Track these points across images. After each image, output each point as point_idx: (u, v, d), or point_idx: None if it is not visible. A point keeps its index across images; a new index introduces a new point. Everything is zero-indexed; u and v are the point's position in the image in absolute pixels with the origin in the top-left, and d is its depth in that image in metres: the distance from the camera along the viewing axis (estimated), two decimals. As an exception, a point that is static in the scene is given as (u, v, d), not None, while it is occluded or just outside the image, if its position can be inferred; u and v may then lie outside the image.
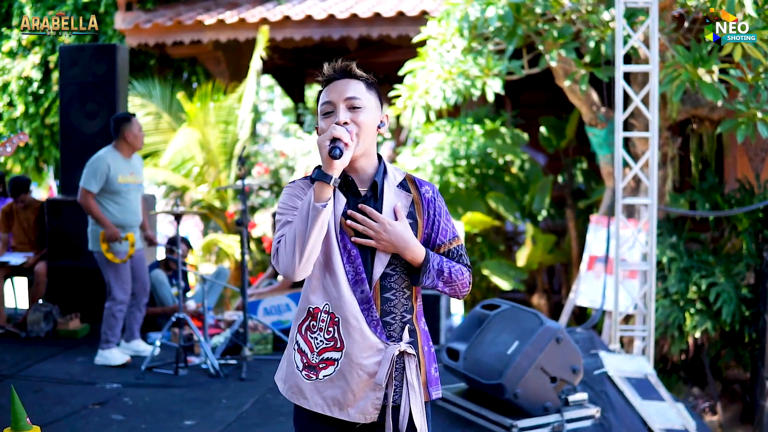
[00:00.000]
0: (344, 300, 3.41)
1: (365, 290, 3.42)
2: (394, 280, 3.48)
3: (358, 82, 3.51)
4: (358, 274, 3.43)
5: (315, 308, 3.49)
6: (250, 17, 13.96)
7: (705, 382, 11.48)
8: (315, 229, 3.27)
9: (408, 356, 3.47)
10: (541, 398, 6.84)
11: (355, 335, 3.41)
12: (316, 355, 3.48)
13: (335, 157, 3.25)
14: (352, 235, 3.43)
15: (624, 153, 9.63)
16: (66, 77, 10.63)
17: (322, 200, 3.27)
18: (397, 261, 3.48)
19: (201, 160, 14.09)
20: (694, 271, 10.78)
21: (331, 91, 3.48)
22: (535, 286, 14.60)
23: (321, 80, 3.56)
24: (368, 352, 3.43)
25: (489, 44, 10.65)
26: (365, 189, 3.52)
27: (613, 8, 9.89)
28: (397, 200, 3.50)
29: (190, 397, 7.81)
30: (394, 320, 3.49)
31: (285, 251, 3.33)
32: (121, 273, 8.78)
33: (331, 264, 3.44)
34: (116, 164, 8.74)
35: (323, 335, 3.46)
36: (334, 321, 3.44)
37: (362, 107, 3.46)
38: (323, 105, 3.49)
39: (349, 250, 3.43)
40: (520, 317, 7.17)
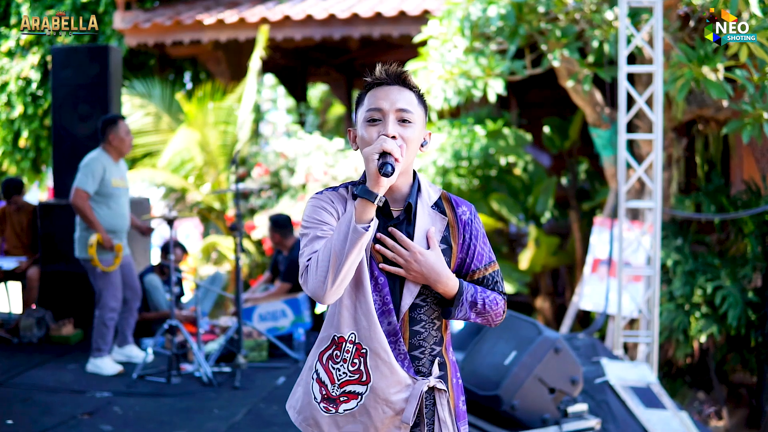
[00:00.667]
0: (375, 331, 3.17)
1: (392, 322, 3.18)
2: (423, 312, 3.23)
3: (411, 93, 3.25)
4: (385, 304, 3.18)
5: (340, 337, 3.24)
6: (250, 17, 13.82)
7: (710, 387, 11.36)
8: (354, 252, 3.00)
9: (439, 392, 3.25)
10: (540, 410, 6.72)
11: (383, 369, 3.17)
12: (338, 387, 3.24)
13: (387, 175, 2.99)
14: (380, 261, 3.19)
15: (628, 155, 9.49)
16: (58, 79, 10.47)
17: (364, 221, 3.02)
18: (428, 291, 3.22)
19: (200, 161, 13.96)
20: (699, 274, 10.65)
21: (382, 97, 3.19)
22: (538, 288, 14.48)
23: (369, 82, 3.27)
24: (396, 387, 3.19)
25: (491, 44, 10.53)
26: (398, 210, 3.26)
27: (616, 7, 9.76)
28: (431, 223, 3.25)
29: (181, 407, 7.65)
30: (423, 354, 3.25)
31: (316, 272, 3.06)
32: (112, 279, 8.63)
33: (361, 291, 3.18)
34: (109, 167, 8.59)
35: (347, 367, 3.22)
36: (361, 352, 3.19)
37: (412, 122, 3.20)
38: (370, 111, 3.19)
39: (376, 277, 3.18)
40: (518, 326, 7.04)
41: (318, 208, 3.24)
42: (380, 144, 3.03)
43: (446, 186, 13.16)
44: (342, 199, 3.27)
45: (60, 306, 10.29)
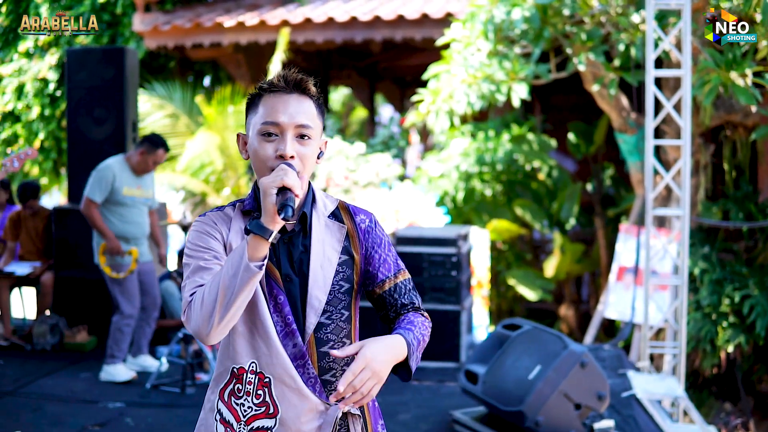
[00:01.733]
0: (276, 356, 2.90)
1: (298, 344, 2.90)
2: (330, 330, 2.96)
3: (311, 103, 2.95)
4: (287, 325, 2.90)
5: (240, 368, 2.94)
6: (270, 19, 13.71)
7: (737, 398, 11.18)
8: (245, 291, 2.70)
9: (352, 417, 3.00)
10: (565, 426, 6.53)
11: (291, 397, 2.90)
12: (244, 425, 2.93)
13: (286, 219, 2.68)
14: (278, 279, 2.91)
15: (655, 161, 9.30)
16: (73, 81, 10.36)
17: (256, 259, 2.71)
18: (332, 308, 2.96)
19: (220, 165, 13.84)
20: (727, 283, 10.48)
21: (280, 110, 2.90)
22: (562, 296, 14.32)
23: (264, 87, 2.97)
24: (308, 416, 2.92)
25: (515, 47, 10.38)
26: (292, 222, 2.96)
27: (643, 10, 9.59)
28: (328, 234, 3.00)
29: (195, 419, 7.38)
30: (335, 377, 2.98)
31: (201, 309, 2.75)
32: (127, 286, 8.50)
33: (257, 313, 2.91)
34: (123, 175, 8.47)
35: (251, 400, 2.92)
36: (264, 382, 2.91)
37: (311, 138, 2.94)
38: (266, 124, 2.88)
39: (275, 296, 2.90)
40: (543, 339, 6.85)
41: (200, 233, 2.96)
42: (281, 177, 2.73)
43: (469, 191, 13.02)
44: (227, 219, 3.00)
45: (74, 312, 10.19)
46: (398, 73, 20.30)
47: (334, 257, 2.98)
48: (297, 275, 2.95)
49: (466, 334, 9.71)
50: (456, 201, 13.09)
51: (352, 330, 3.06)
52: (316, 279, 2.93)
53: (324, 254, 2.96)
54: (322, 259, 2.95)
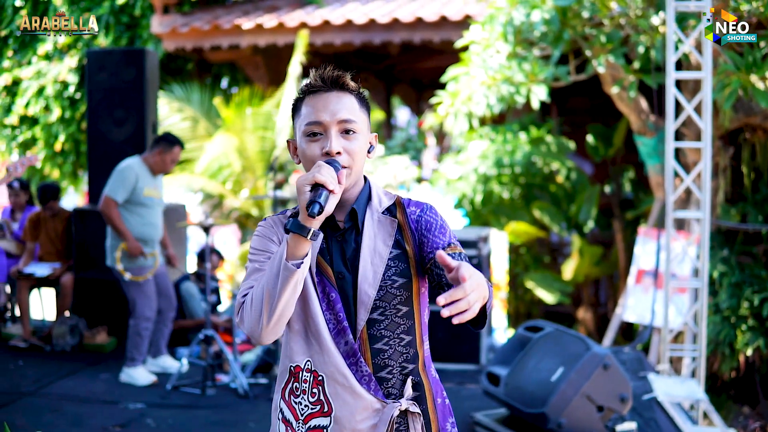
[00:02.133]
0: (327, 353, 2.91)
1: (349, 341, 2.91)
2: (385, 327, 2.95)
3: (351, 98, 2.98)
4: (339, 322, 2.91)
5: (296, 366, 2.98)
6: (289, 21, 13.71)
7: (756, 401, 11.15)
8: (287, 290, 2.71)
9: (412, 415, 2.97)
10: (587, 428, 6.53)
11: (344, 395, 2.91)
12: (302, 423, 2.97)
13: (312, 215, 2.66)
14: (331, 277, 2.92)
15: (675, 164, 9.28)
16: (93, 82, 10.39)
17: (296, 257, 2.72)
18: (385, 304, 2.93)
19: (238, 167, 13.87)
20: (746, 286, 10.45)
21: (321, 108, 2.92)
22: (580, 299, 14.29)
23: (304, 88, 3.01)
24: (362, 414, 2.92)
25: (534, 49, 10.37)
26: (343, 220, 2.99)
27: (663, 12, 9.58)
28: (380, 229, 2.98)
29: (216, 420, 7.53)
30: (392, 374, 2.97)
31: (251, 310, 2.78)
32: (145, 289, 8.52)
33: (309, 312, 2.93)
34: (143, 176, 8.50)
35: (307, 398, 2.96)
36: (318, 380, 2.93)
37: (357, 132, 2.94)
38: (309, 124, 2.92)
39: (328, 294, 2.91)
40: (565, 341, 6.85)
41: (261, 237, 3.00)
42: (313, 174, 2.72)
43: (488, 194, 13.02)
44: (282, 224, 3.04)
45: (94, 313, 10.23)
46: (415, 76, 20.31)
47: (385, 252, 2.96)
48: (350, 272, 2.95)
49: (486, 337, 9.71)
50: (474, 203, 13.09)
51: (415, 326, 3.02)
52: (365, 274, 2.92)
53: (375, 250, 2.95)
54: (372, 255, 2.94)
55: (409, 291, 2.98)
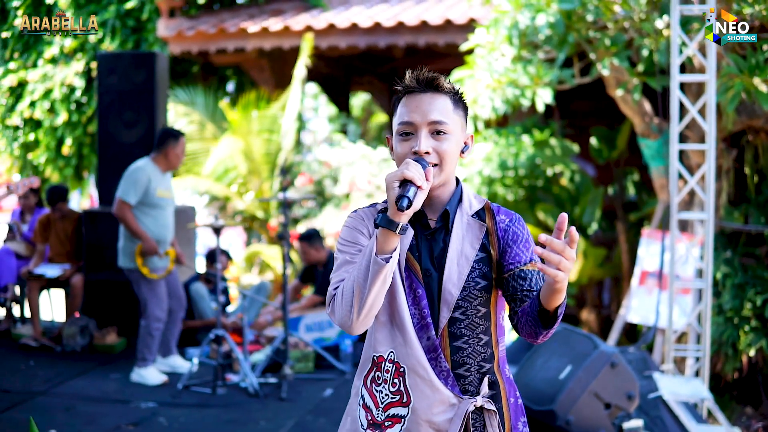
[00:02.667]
0: (411, 347, 3.02)
1: (431, 337, 3.02)
2: (465, 326, 3.05)
3: (445, 99, 3.06)
4: (423, 318, 3.02)
5: (379, 356, 3.10)
6: (294, 25, 13.79)
7: (759, 402, 11.21)
8: (376, 284, 2.83)
9: (488, 413, 3.07)
10: (595, 425, 6.62)
11: (423, 388, 3.02)
12: (382, 411, 3.09)
13: (401, 209, 2.78)
14: (418, 273, 3.03)
15: (680, 166, 9.36)
16: (104, 85, 10.51)
17: (385, 252, 2.83)
18: (467, 304, 3.03)
19: (244, 170, 13.96)
20: (749, 287, 10.51)
21: (413, 109, 3.03)
22: (584, 300, 14.36)
23: (400, 90, 3.10)
24: (439, 407, 3.02)
25: (539, 53, 10.45)
26: (435, 219, 3.10)
27: (666, 15, 9.66)
28: (469, 231, 3.07)
29: (227, 418, 7.61)
30: (469, 372, 3.07)
31: (342, 303, 2.90)
32: (157, 290, 8.61)
33: (396, 306, 3.03)
34: (155, 177, 8.59)
35: (388, 388, 3.07)
36: (400, 371, 3.04)
37: (448, 133, 3.03)
38: (402, 124, 3.04)
39: (414, 290, 3.02)
40: (573, 340, 6.95)
41: (351, 229, 3.11)
42: (401, 170, 2.83)
43: (492, 196, 13.07)
44: (374, 215, 3.12)
45: (103, 314, 10.31)
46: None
47: (471, 254, 3.06)
48: (436, 270, 3.05)
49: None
50: (478, 206, 13.11)
51: (492, 327, 3.13)
52: (450, 274, 3.02)
53: (461, 251, 3.05)
54: (458, 256, 3.04)
55: (489, 293, 3.09)
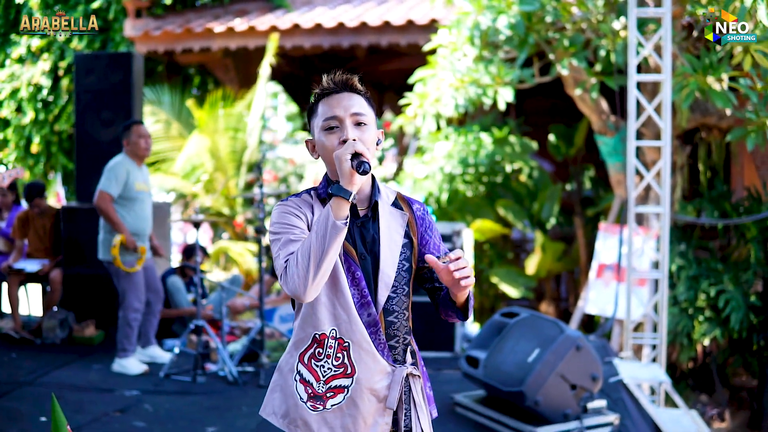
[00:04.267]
0: (355, 323, 3.33)
1: (372, 313, 3.35)
2: (395, 303, 3.41)
3: (360, 98, 3.41)
4: (363, 297, 3.34)
5: (321, 334, 3.38)
6: (259, 25, 13.98)
7: (713, 390, 11.54)
8: (333, 247, 3.12)
9: (413, 378, 3.46)
10: (562, 405, 6.91)
11: (367, 359, 3.35)
12: (323, 384, 3.38)
13: (366, 172, 3.12)
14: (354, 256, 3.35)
15: (637, 162, 9.69)
16: (81, 85, 10.70)
17: (341, 217, 3.13)
18: (397, 284, 3.40)
19: (211, 167, 14.14)
20: (702, 278, 10.82)
21: (335, 105, 3.36)
22: (543, 293, 14.65)
23: (318, 92, 3.44)
24: (379, 376, 3.37)
25: (499, 53, 10.69)
26: (364, 209, 3.42)
27: (623, 17, 9.97)
28: (392, 220, 3.44)
29: (210, 405, 7.84)
30: (398, 343, 3.44)
31: (297, 271, 3.15)
32: (135, 281, 8.82)
33: (338, 286, 3.34)
34: (133, 171, 8.80)
35: (331, 362, 3.37)
36: (343, 346, 3.36)
37: (367, 124, 3.36)
38: (327, 119, 3.35)
39: (353, 272, 3.34)
40: (540, 325, 7.24)
41: (286, 214, 3.36)
42: (352, 146, 3.16)
43: (453, 192, 13.32)
44: (307, 204, 3.43)
45: (82, 307, 10.49)
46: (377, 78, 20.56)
47: (399, 240, 3.44)
48: (369, 254, 3.40)
49: (460, 327, 10.09)
50: (440, 202, 13.31)
51: (410, 304, 3.52)
52: (386, 258, 3.39)
53: (391, 237, 3.42)
54: (389, 242, 3.40)
55: (410, 274, 3.50)
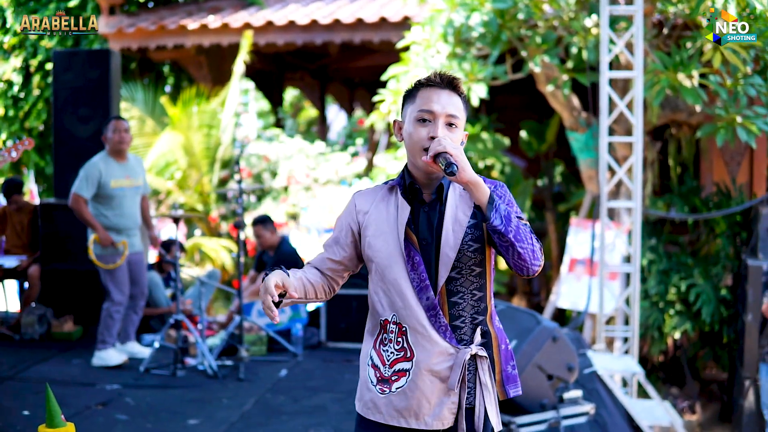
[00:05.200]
0: (409, 308, 3.42)
1: (430, 297, 3.41)
2: (460, 284, 3.44)
3: (459, 100, 3.48)
4: (422, 281, 3.41)
5: (384, 320, 3.50)
6: (233, 22, 14.00)
7: (684, 383, 11.69)
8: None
9: (480, 359, 3.47)
10: (539, 396, 7.02)
11: (424, 342, 3.42)
12: (388, 367, 3.50)
13: (453, 174, 3.20)
14: (416, 243, 3.44)
15: (609, 158, 9.82)
16: (59, 82, 10.71)
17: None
18: (462, 264, 3.42)
19: (184, 164, 14.18)
20: (673, 273, 10.96)
21: (434, 100, 3.42)
22: (515, 288, 14.77)
23: (422, 81, 3.51)
24: (439, 358, 3.42)
25: (472, 50, 10.78)
26: (429, 194, 3.50)
27: (594, 15, 10.09)
28: (461, 200, 3.47)
29: (191, 398, 7.90)
30: (464, 323, 3.47)
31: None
32: (117, 275, 8.85)
33: (393, 275, 3.46)
34: (109, 169, 8.78)
35: (393, 346, 3.48)
36: (402, 331, 3.45)
37: (458, 127, 3.45)
38: (422, 111, 3.42)
39: (412, 257, 3.43)
40: (517, 317, 7.35)
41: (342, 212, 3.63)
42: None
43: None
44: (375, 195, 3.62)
45: (60, 303, 10.47)
46: (347, 75, 20.64)
47: (464, 220, 3.46)
48: (433, 238, 3.46)
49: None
50: (414, 197, 13.35)
51: (487, 284, 3.54)
52: (447, 239, 3.43)
53: (455, 218, 3.45)
54: (453, 223, 3.44)
55: (483, 255, 3.48)
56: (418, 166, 3.45)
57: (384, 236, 3.51)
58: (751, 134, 9.33)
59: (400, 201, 3.51)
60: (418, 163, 3.42)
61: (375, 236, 3.53)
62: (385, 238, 3.50)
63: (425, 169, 3.41)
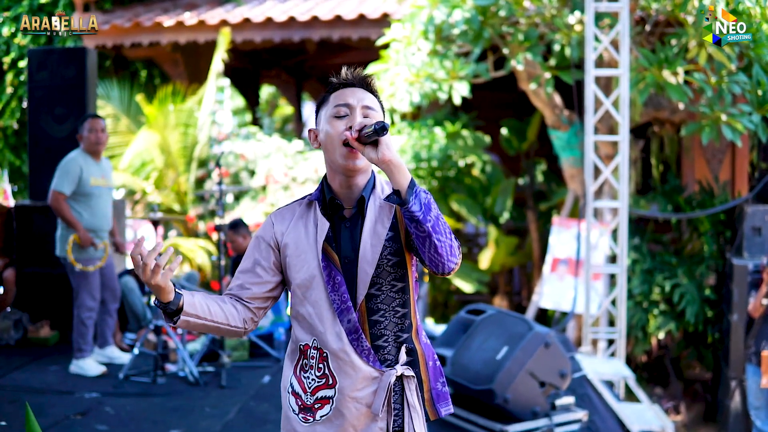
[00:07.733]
0: (330, 333, 3.27)
1: (352, 319, 3.25)
2: (381, 301, 3.30)
3: (373, 97, 3.38)
4: (343, 302, 3.26)
5: (305, 345, 3.35)
6: (209, 19, 13.85)
7: (667, 383, 11.63)
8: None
9: (407, 378, 3.33)
10: (531, 403, 6.90)
11: (346, 369, 3.27)
12: (310, 395, 3.34)
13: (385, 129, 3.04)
14: (336, 263, 3.28)
15: (595, 156, 9.71)
16: (34, 80, 10.49)
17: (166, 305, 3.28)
18: (381, 280, 3.29)
19: (161, 163, 14.00)
20: (657, 272, 10.92)
21: (349, 95, 3.31)
22: (496, 287, 14.68)
23: (335, 83, 3.39)
24: (362, 383, 3.28)
25: (453, 47, 10.68)
26: (350, 208, 3.36)
27: (577, 11, 9.99)
28: (380, 213, 3.32)
29: (173, 406, 7.73)
30: (387, 342, 3.32)
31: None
32: (90, 279, 8.65)
33: (315, 296, 3.30)
34: (87, 166, 8.62)
35: (314, 373, 3.33)
36: (323, 356, 3.30)
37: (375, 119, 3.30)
38: (339, 107, 3.29)
39: (333, 277, 3.27)
40: (508, 322, 7.22)
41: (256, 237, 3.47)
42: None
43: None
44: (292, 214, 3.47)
45: (36, 308, 10.26)
46: (324, 72, 20.53)
47: (383, 233, 3.30)
48: (355, 255, 3.30)
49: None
50: (394, 196, 13.26)
51: (410, 300, 3.37)
52: (365, 255, 3.28)
53: (374, 231, 3.29)
54: (371, 236, 3.28)
55: (404, 269, 3.34)
56: (336, 167, 3.30)
57: (303, 256, 3.34)
58: (736, 132, 9.25)
59: (320, 217, 3.35)
60: (338, 161, 3.26)
61: (294, 256, 3.37)
62: (305, 258, 3.34)
63: (344, 167, 3.26)
